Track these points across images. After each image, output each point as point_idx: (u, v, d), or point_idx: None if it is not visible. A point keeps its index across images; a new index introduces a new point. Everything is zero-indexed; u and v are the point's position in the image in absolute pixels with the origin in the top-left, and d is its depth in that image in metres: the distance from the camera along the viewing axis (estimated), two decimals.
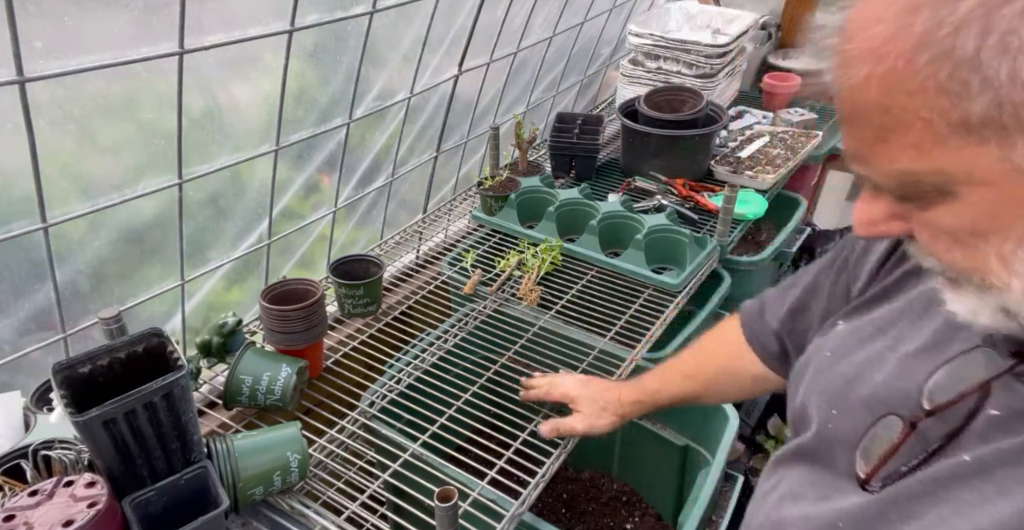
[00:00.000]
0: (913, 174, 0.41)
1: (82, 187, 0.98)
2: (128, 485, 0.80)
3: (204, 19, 0.95)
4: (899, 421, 0.48)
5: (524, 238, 1.52)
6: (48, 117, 0.88)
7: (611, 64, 2.35)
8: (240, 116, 1.17)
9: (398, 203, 1.68)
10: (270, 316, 1.07)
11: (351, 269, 1.27)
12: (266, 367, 1.02)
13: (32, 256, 0.95)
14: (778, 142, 1.88)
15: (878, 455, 0.49)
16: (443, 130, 1.67)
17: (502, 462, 0.99)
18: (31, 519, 0.70)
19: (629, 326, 1.29)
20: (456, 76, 1.58)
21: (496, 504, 0.93)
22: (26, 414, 0.93)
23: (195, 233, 1.18)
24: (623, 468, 1.50)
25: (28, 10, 0.76)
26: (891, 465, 0.48)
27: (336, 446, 1.04)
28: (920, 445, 0.47)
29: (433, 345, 1.24)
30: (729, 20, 2.06)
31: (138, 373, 0.80)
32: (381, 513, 0.94)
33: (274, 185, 1.26)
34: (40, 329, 1.02)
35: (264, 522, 0.92)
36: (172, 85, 0.96)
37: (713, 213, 1.61)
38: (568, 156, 1.79)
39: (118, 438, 0.76)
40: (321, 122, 1.30)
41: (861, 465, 0.50)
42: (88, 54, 0.85)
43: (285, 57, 1.11)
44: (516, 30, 1.71)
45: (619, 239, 1.49)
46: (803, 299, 0.78)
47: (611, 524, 1.47)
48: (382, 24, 1.30)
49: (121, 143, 1.01)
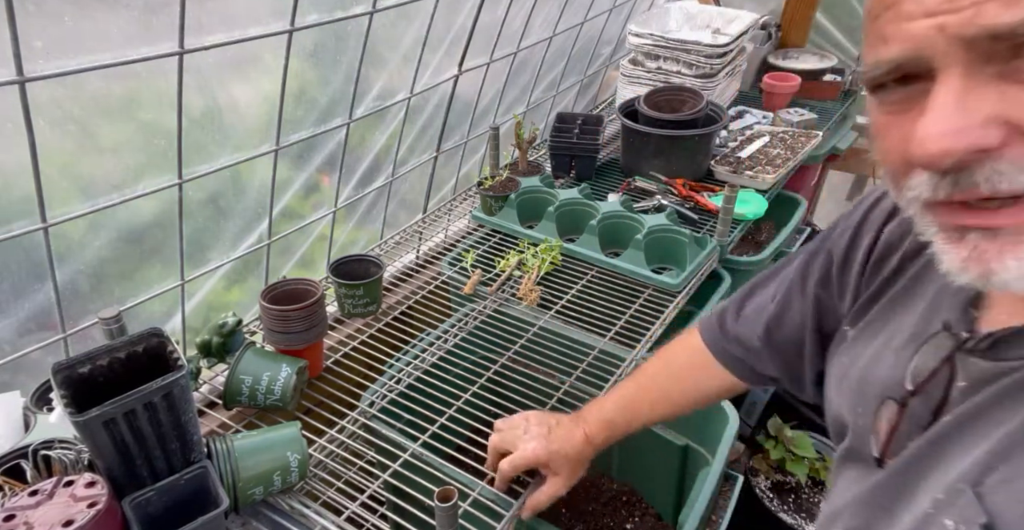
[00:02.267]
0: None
1: (82, 187, 0.98)
2: (128, 485, 0.80)
3: (204, 19, 0.95)
4: (893, 403, 0.54)
5: (524, 238, 1.52)
6: (48, 117, 0.88)
7: (611, 64, 2.35)
8: (240, 116, 1.17)
9: (398, 203, 1.68)
10: (270, 316, 1.07)
11: (351, 269, 1.27)
12: (266, 367, 1.02)
13: (32, 256, 0.95)
14: (778, 142, 1.88)
15: (884, 434, 0.55)
16: (443, 130, 1.67)
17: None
18: (31, 519, 0.70)
19: (629, 326, 1.29)
20: (456, 76, 1.58)
21: (496, 504, 0.93)
22: (26, 414, 0.93)
23: (195, 233, 1.18)
24: (623, 468, 1.50)
25: (28, 10, 0.76)
26: (897, 441, 0.54)
27: (336, 446, 1.04)
28: (915, 420, 0.53)
29: (433, 345, 1.24)
30: (729, 20, 2.06)
31: (138, 373, 0.80)
32: (381, 513, 0.94)
33: (274, 185, 1.26)
34: (40, 329, 1.02)
35: (264, 522, 0.92)
36: (172, 85, 0.96)
37: (713, 213, 1.61)
38: (568, 156, 1.79)
39: (118, 438, 0.76)
40: (321, 122, 1.30)
41: (874, 447, 0.56)
42: (88, 54, 0.85)
43: (285, 57, 1.11)
44: (516, 30, 1.71)
45: (619, 239, 1.49)
46: (778, 314, 0.79)
47: (611, 524, 1.47)
48: (382, 24, 1.30)
49: (121, 143, 1.01)
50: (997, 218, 0.39)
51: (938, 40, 0.37)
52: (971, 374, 0.49)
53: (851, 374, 0.64)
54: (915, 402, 0.53)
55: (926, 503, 0.47)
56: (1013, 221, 0.38)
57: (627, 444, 1.42)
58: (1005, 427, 0.44)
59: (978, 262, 0.40)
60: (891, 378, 0.56)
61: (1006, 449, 0.43)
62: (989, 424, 0.46)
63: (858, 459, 0.61)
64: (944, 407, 0.51)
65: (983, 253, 0.40)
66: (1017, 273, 0.39)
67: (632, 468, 1.48)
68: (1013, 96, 0.36)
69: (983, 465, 0.44)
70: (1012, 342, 0.47)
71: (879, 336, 0.62)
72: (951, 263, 0.42)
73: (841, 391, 0.65)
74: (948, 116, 0.37)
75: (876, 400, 0.57)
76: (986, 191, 0.38)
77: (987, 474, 0.44)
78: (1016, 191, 0.37)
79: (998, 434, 0.44)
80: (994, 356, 0.48)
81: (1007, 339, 0.47)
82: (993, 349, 0.48)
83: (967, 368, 0.50)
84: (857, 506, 0.57)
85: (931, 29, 0.37)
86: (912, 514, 0.49)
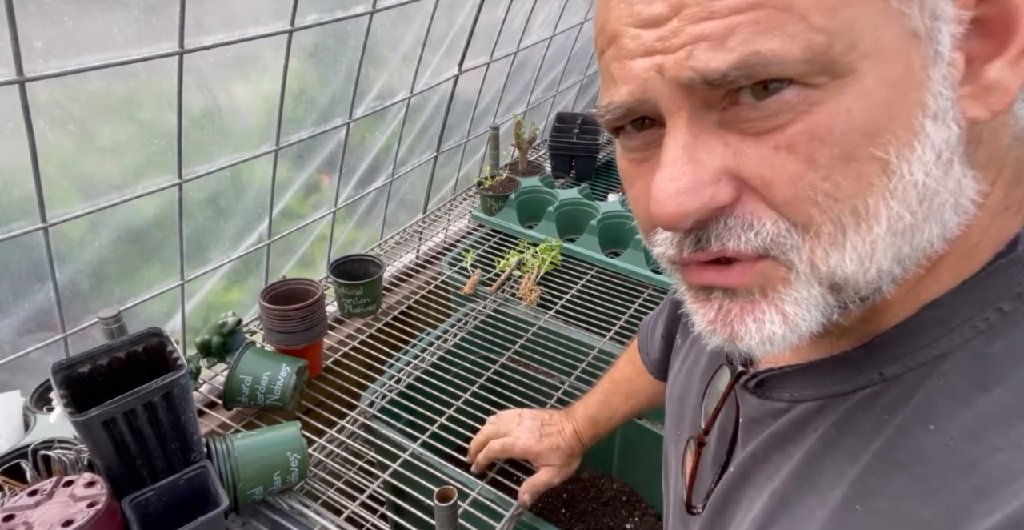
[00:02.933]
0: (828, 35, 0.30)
1: (82, 187, 0.98)
2: (128, 485, 0.80)
3: (204, 19, 0.95)
4: (694, 443, 0.52)
5: (524, 238, 1.52)
6: (48, 117, 0.88)
7: None
8: (240, 116, 1.17)
9: (398, 203, 1.68)
10: (270, 316, 1.07)
11: (351, 269, 1.27)
12: (266, 367, 1.02)
13: (32, 256, 0.95)
14: None
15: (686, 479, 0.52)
16: (443, 130, 1.67)
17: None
18: (31, 519, 0.70)
19: (629, 326, 1.29)
20: (456, 76, 1.58)
21: (496, 504, 0.93)
22: (26, 414, 0.93)
23: (195, 233, 1.18)
24: (623, 468, 1.50)
25: (28, 10, 0.76)
26: (700, 486, 0.51)
27: (336, 446, 1.04)
28: (714, 461, 0.50)
29: (433, 345, 1.24)
30: None
31: (138, 373, 0.80)
32: (381, 513, 0.94)
33: (274, 185, 1.26)
34: (40, 329, 1.02)
35: (264, 522, 0.92)
36: (172, 85, 0.96)
37: None
38: (568, 156, 1.79)
39: (118, 438, 0.76)
40: (321, 122, 1.30)
41: (683, 491, 0.53)
42: (88, 54, 0.85)
43: (285, 57, 1.11)
44: (516, 30, 1.71)
45: (619, 239, 1.49)
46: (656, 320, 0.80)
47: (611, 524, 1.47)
48: (382, 24, 1.30)
49: (121, 143, 1.01)
50: (731, 277, 0.37)
51: (659, 83, 0.34)
52: (747, 411, 0.47)
53: (673, 393, 0.61)
54: (712, 441, 0.50)
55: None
56: (741, 280, 0.36)
57: (627, 444, 1.43)
58: (773, 482, 0.42)
59: (724, 324, 0.37)
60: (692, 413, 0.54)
61: (775, 508, 0.41)
62: (765, 475, 0.44)
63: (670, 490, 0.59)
64: (734, 447, 0.48)
65: (727, 313, 0.37)
66: (758, 338, 0.36)
67: (632, 468, 1.48)
68: (736, 147, 0.34)
69: (760, 524, 0.42)
70: (775, 383, 0.45)
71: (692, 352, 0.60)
72: (700, 325, 0.39)
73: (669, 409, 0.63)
74: (681, 171, 0.34)
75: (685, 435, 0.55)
76: (715, 249, 0.36)
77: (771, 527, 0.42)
78: (741, 251, 0.35)
79: (768, 490, 0.43)
80: (763, 394, 0.46)
81: (771, 380, 0.45)
82: (760, 387, 0.46)
83: (745, 404, 0.47)
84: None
85: (651, 70, 0.34)
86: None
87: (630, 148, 0.39)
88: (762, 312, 0.36)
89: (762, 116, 0.32)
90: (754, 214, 0.34)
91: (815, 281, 0.35)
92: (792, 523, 0.40)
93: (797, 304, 0.35)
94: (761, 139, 0.33)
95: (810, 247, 0.34)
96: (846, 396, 0.40)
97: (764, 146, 0.33)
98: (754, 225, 0.34)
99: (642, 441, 1.36)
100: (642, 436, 1.35)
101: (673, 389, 0.62)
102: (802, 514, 0.39)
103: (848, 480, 0.37)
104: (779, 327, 0.36)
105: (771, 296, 0.36)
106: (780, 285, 0.35)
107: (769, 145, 0.33)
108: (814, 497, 0.39)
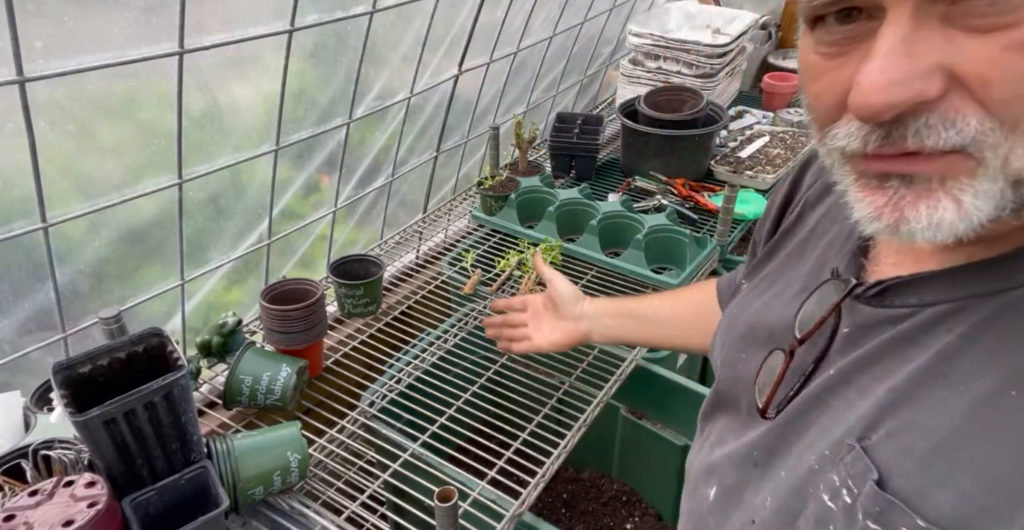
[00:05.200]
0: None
1: (82, 187, 0.98)
2: (128, 485, 0.80)
3: (204, 19, 0.95)
4: (781, 353, 0.53)
5: (524, 238, 1.52)
6: (48, 117, 0.88)
7: (611, 64, 2.35)
8: (240, 116, 1.17)
9: (398, 203, 1.68)
10: (270, 316, 1.07)
11: (351, 269, 1.27)
12: (266, 367, 1.02)
13: (32, 256, 0.95)
14: (778, 142, 1.88)
15: (769, 386, 0.53)
16: (443, 130, 1.67)
17: (502, 462, 1.00)
18: (31, 519, 0.70)
19: None
20: (456, 76, 1.58)
21: (496, 504, 0.93)
22: (26, 414, 0.93)
23: (195, 233, 1.18)
24: (623, 468, 1.50)
25: (28, 10, 0.76)
26: (780, 393, 0.52)
27: (336, 446, 1.04)
28: (800, 370, 0.51)
29: (433, 345, 1.24)
30: (729, 20, 2.06)
31: (138, 373, 0.80)
32: (381, 513, 0.94)
33: (274, 185, 1.26)
34: (40, 329, 1.02)
35: (264, 522, 0.93)
36: (172, 85, 0.97)
37: (713, 213, 1.61)
38: (568, 156, 1.79)
39: (118, 438, 0.76)
40: (321, 122, 1.30)
41: (758, 398, 0.54)
42: (88, 54, 0.86)
43: (285, 57, 1.11)
44: (516, 30, 1.71)
45: (619, 239, 1.49)
46: None
47: (611, 524, 1.48)
48: (382, 24, 1.30)
49: (121, 143, 1.01)
50: (916, 164, 0.37)
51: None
52: (856, 320, 0.48)
53: (738, 323, 0.63)
54: (802, 351, 0.51)
55: (811, 459, 0.46)
56: (926, 168, 0.37)
57: (627, 444, 1.43)
58: (890, 380, 0.43)
59: (893, 209, 0.38)
60: (780, 327, 0.55)
61: (892, 402, 0.42)
62: (874, 377, 0.45)
63: (730, 408, 0.60)
64: (826, 356, 0.50)
65: (900, 199, 0.38)
66: (926, 222, 0.37)
67: (632, 468, 1.48)
68: (958, 43, 0.34)
69: (870, 419, 0.43)
70: (900, 291, 0.46)
71: (770, 290, 0.62)
72: (864, 210, 0.40)
73: (726, 339, 0.64)
74: (896, 63, 0.34)
75: (763, 349, 0.56)
76: (913, 146, 0.36)
77: (874, 428, 0.42)
78: (939, 148, 0.35)
79: (883, 387, 0.43)
80: (880, 303, 0.47)
81: (895, 288, 0.46)
82: (880, 296, 0.47)
83: (853, 315, 0.49)
84: (733, 462, 0.55)
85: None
86: (795, 471, 0.47)
87: (826, 42, 0.39)
88: (936, 199, 0.37)
89: (996, 11, 0.32)
90: (959, 111, 0.35)
91: (1001, 176, 0.35)
92: (912, 414, 0.41)
93: (976, 195, 0.36)
94: (989, 36, 0.33)
95: (1011, 145, 0.34)
96: (990, 296, 0.41)
97: (992, 44, 0.33)
98: (956, 123, 0.35)
99: (642, 442, 1.36)
100: (642, 437, 1.35)
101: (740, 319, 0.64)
102: (927, 406, 0.40)
103: (996, 370, 0.38)
104: (951, 214, 0.36)
105: (949, 185, 0.36)
106: (964, 176, 0.36)
107: (998, 43, 0.33)
108: (945, 390, 0.40)
